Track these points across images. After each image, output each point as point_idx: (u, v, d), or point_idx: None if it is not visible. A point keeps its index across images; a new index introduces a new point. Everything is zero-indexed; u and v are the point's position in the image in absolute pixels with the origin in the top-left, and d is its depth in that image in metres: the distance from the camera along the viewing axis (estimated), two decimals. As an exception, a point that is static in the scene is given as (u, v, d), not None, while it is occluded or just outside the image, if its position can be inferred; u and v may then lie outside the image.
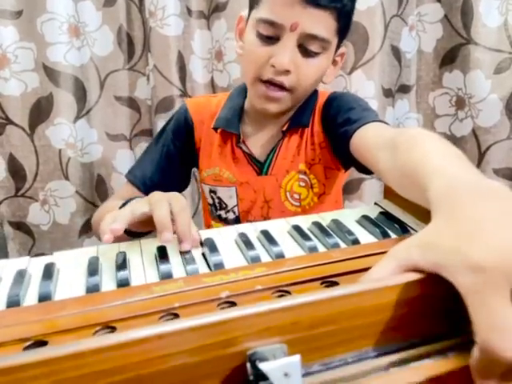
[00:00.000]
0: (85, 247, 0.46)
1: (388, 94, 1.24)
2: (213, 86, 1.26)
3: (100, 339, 0.23)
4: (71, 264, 0.43)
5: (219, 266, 0.41)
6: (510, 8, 1.14)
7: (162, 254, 0.44)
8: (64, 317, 0.33)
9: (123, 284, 0.39)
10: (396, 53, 1.22)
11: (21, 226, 1.28)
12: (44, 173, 1.23)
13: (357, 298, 0.26)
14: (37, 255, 0.46)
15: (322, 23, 0.65)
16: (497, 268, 0.25)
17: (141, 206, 0.49)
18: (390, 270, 0.30)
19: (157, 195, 0.51)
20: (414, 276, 0.28)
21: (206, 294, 0.34)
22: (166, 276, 0.40)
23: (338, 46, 0.73)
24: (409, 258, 0.30)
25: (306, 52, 0.67)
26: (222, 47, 1.20)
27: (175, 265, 0.42)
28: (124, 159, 1.26)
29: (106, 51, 1.21)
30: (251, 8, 0.71)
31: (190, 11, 1.19)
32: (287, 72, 0.66)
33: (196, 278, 0.38)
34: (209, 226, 0.89)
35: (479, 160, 1.23)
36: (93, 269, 0.41)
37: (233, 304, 0.33)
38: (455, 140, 1.26)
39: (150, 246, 0.46)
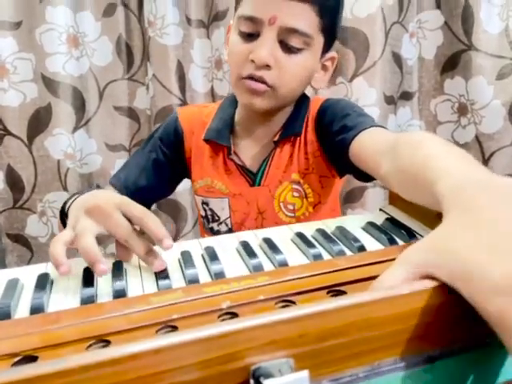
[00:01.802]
0: (81, 258, 0.44)
1: (390, 101, 1.23)
2: (213, 95, 1.25)
3: (91, 355, 0.21)
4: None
5: (220, 275, 0.39)
6: (510, 14, 1.13)
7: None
8: (56, 330, 0.32)
9: (120, 295, 0.37)
10: (397, 59, 1.22)
11: (19, 239, 1.26)
12: (42, 184, 1.22)
13: (369, 307, 0.24)
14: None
15: (302, 17, 0.63)
16: None
17: (93, 228, 0.45)
18: (402, 277, 0.28)
19: (114, 219, 0.45)
20: (430, 283, 0.26)
21: (206, 305, 0.33)
22: (165, 286, 0.38)
23: (327, 49, 0.71)
24: (422, 264, 0.28)
25: (287, 48, 0.65)
26: (221, 56, 1.20)
27: (174, 274, 0.40)
28: (123, 170, 1.25)
29: (105, 61, 1.21)
30: (236, 10, 0.70)
31: (189, 20, 1.19)
32: (268, 67, 0.64)
33: (196, 287, 0.37)
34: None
35: (483, 167, 1.22)
36: (88, 279, 0.39)
37: (234, 315, 0.31)
38: (458, 147, 1.24)
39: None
